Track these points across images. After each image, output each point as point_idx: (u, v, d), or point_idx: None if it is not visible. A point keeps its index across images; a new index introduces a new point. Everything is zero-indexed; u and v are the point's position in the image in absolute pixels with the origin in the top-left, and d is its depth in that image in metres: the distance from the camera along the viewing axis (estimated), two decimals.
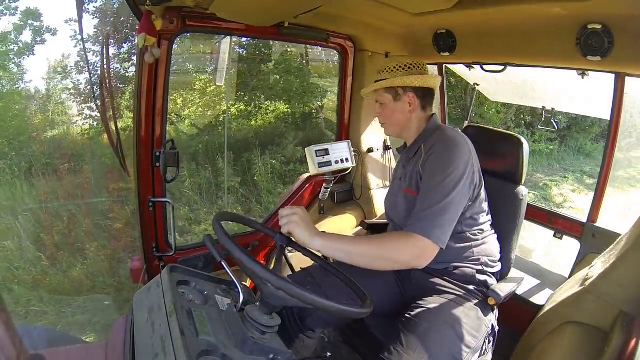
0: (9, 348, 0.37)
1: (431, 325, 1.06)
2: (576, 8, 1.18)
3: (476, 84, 2.18)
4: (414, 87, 1.24)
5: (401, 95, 1.25)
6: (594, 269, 1.03)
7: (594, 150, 7.00)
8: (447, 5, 1.35)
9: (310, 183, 1.97)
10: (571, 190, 5.87)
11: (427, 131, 1.27)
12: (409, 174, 1.27)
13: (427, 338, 1.03)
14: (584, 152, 7.07)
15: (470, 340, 1.08)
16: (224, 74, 1.61)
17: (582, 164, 6.75)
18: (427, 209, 1.04)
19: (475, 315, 1.14)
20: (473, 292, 1.20)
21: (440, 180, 1.07)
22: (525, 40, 1.42)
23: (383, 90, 1.27)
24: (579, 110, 2.64)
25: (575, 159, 6.64)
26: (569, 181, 6.05)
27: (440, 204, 1.04)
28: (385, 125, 1.35)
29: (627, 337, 0.82)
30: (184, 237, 4.31)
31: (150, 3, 1.06)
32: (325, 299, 0.76)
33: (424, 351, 1.00)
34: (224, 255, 0.87)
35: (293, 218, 0.99)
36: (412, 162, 1.27)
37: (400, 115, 1.28)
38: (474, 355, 1.09)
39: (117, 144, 1.22)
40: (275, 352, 0.80)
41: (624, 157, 6.19)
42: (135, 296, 0.96)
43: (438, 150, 1.14)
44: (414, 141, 1.30)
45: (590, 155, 7.05)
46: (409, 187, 1.24)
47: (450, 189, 1.06)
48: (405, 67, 1.24)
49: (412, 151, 1.29)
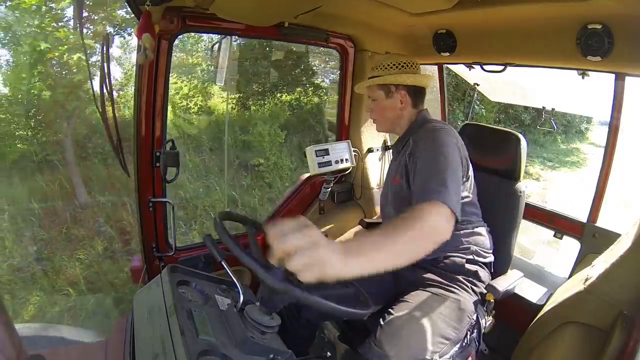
0: (9, 348, 0.37)
1: (408, 318, 1.06)
2: (576, 8, 1.18)
3: (476, 84, 2.18)
4: (407, 85, 1.27)
5: (393, 92, 1.28)
6: (594, 269, 1.03)
7: (545, 142, 9.20)
8: (447, 5, 1.35)
9: (310, 183, 1.97)
10: (540, 169, 8.02)
11: (415, 125, 1.30)
12: (396, 165, 1.31)
13: (401, 330, 1.04)
14: (539, 144, 8.98)
15: (449, 331, 1.09)
16: (224, 73, 1.60)
17: (541, 152, 8.76)
18: (432, 176, 0.98)
19: (457, 306, 1.15)
20: (460, 283, 1.21)
21: (435, 155, 1.06)
22: (525, 40, 1.42)
23: (376, 87, 1.30)
24: (579, 110, 2.64)
25: (533, 149, 8.46)
26: (536, 164, 8.12)
27: (442, 173, 0.99)
28: (376, 122, 1.38)
29: (627, 337, 0.82)
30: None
31: (150, 3, 1.06)
32: (325, 299, 0.76)
33: (395, 343, 1.01)
34: (224, 255, 0.87)
35: (318, 254, 0.64)
36: (401, 153, 1.30)
37: (391, 112, 1.31)
38: (453, 346, 1.10)
39: (117, 144, 1.22)
40: (275, 352, 0.80)
41: (566, 148, 9.53)
42: (135, 296, 0.96)
43: (426, 136, 1.16)
44: (403, 134, 1.33)
45: (543, 145, 9.10)
46: (395, 177, 1.27)
47: (447, 158, 1.04)
48: (398, 65, 1.28)
49: (401, 144, 1.32)
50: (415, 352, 1.02)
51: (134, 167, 1.38)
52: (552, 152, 8.85)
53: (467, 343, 1.15)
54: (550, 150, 8.98)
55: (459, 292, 1.19)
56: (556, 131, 8.86)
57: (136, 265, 1.48)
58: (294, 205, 1.94)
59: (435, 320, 1.09)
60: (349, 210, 2.04)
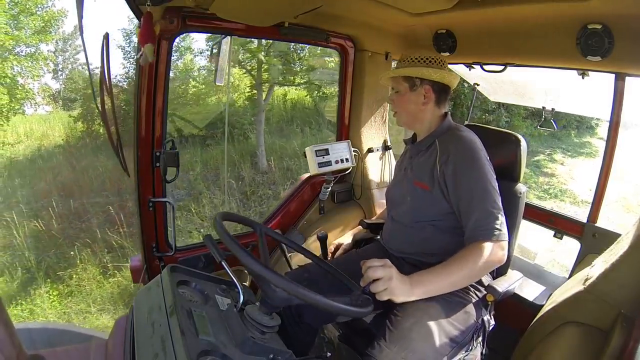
0: (9, 348, 0.37)
1: (416, 320, 1.06)
2: (576, 8, 1.18)
3: (476, 84, 2.18)
4: (432, 81, 1.26)
5: (418, 86, 1.27)
6: (594, 269, 1.03)
7: (561, 136, 9.95)
8: (447, 5, 1.35)
9: (310, 183, 1.97)
10: (562, 157, 8.80)
11: (441, 128, 1.29)
12: (419, 165, 1.28)
13: (410, 333, 1.04)
14: (557, 137, 9.80)
15: (456, 335, 1.09)
16: (224, 74, 1.60)
17: (559, 144, 9.61)
18: (484, 217, 1.09)
19: (463, 310, 1.15)
20: (465, 287, 1.20)
21: (483, 182, 1.13)
22: (525, 40, 1.42)
23: (401, 78, 1.29)
24: (579, 110, 2.64)
25: (552, 141, 9.47)
26: (558, 153, 8.95)
27: (489, 206, 1.10)
28: (397, 115, 1.36)
29: (627, 337, 0.82)
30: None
31: (150, 3, 1.06)
32: (325, 297, 0.76)
33: (405, 346, 1.01)
34: (224, 255, 0.87)
35: (391, 284, 0.97)
36: (425, 155, 1.28)
37: (413, 106, 1.29)
38: (460, 349, 1.11)
39: (117, 144, 1.22)
40: (275, 352, 0.80)
41: (579, 142, 10.08)
42: (135, 296, 0.96)
43: (462, 153, 1.18)
44: (428, 135, 1.31)
45: (560, 139, 9.86)
46: (421, 180, 1.25)
47: (489, 187, 1.13)
48: (426, 60, 1.26)
49: (424, 145, 1.30)
50: (425, 355, 1.02)
51: (134, 167, 1.38)
52: (568, 145, 9.69)
53: (474, 346, 1.15)
54: (567, 142, 9.83)
55: (463, 295, 1.18)
56: (570, 126, 10.16)
57: (136, 265, 1.48)
58: (294, 205, 1.95)
59: (442, 323, 1.09)
60: (349, 210, 2.04)
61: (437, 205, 1.21)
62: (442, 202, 1.20)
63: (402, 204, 1.32)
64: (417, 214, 1.26)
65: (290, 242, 1.16)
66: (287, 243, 1.17)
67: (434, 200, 1.21)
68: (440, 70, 1.26)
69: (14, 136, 7.69)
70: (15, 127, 7.71)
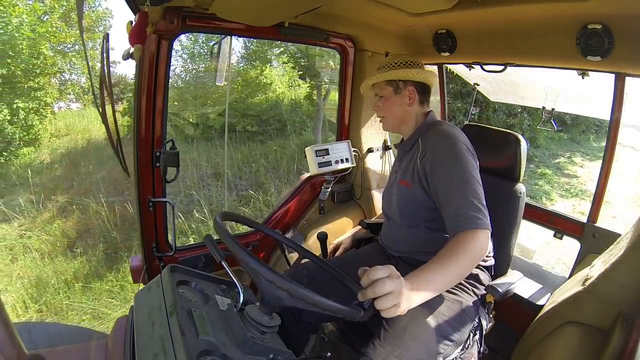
0: (9, 348, 0.37)
1: (411, 319, 1.06)
2: (576, 8, 1.18)
3: (476, 84, 2.18)
4: (415, 82, 1.28)
5: (402, 88, 1.29)
6: (594, 269, 1.03)
7: (581, 140, 10.25)
8: (447, 5, 1.35)
9: (310, 183, 1.97)
10: (582, 160, 8.97)
11: (423, 126, 1.30)
12: (404, 166, 1.30)
13: (404, 332, 1.04)
14: (576, 141, 10.07)
15: (452, 333, 1.09)
16: (224, 74, 1.60)
17: (578, 148, 9.82)
18: (463, 206, 1.03)
19: (459, 308, 1.15)
20: (461, 285, 1.21)
21: (458, 174, 1.08)
22: (525, 40, 1.42)
23: (384, 83, 1.30)
24: (579, 110, 2.64)
25: (572, 145, 9.72)
26: (578, 157, 9.12)
27: (470, 195, 1.04)
28: (383, 120, 1.37)
29: (627, 337, 0.82)
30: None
31: (149, 3, 1.06)
32: (327, 299, 0.76)
33: (399, 344, 1.01)
34: (224, 255, 0.87)
35: (402, 298, 0.83)
36: (409, 155, 1.30)
37: (399, 108, 1.31)
38: (456, 348, 1.10)
39: (117, 144, 1.22)
40: (275, 352, 0.80)
41: (598, 146, 10.06)
42: (135, 296, 0.96)
43: (440, 143, 1.16)
44: (411, 135, 1.33)
45: (579, 143, 10.15)
46: (404, 178, 1.27)
47: (469, 177, 1.08)
48: (405, 63, 1.29)
49: (409, 144, 1.32)
50: (419, 353, 1.02)
51: (134, 167, 1.38)
52: (587, 149, 9.82)
53: (470, 344, 1.15)
54: (585, 146, 9.99)
55: (460, 293, 1.19)
56: (589, 130, 10.45)
57: (136, 265, 1.48)
58: (294, 205, 1.95)
59: (438, 321, 1.09)
60: (349, 210, 2.04)
61: (419, 200, 1.21)
62: (424, 196, 1.19)
63: (392, 203, 1.33)
64: (404, 212, 1.28)
65: (290, 242, 1.16)
66: (287, 243, 1.17)
67: (415, 196, 1.21)
68: (421, 70, 1.28)
69: (59, 129, 7.94)
70: (57, 121, 8.00)
